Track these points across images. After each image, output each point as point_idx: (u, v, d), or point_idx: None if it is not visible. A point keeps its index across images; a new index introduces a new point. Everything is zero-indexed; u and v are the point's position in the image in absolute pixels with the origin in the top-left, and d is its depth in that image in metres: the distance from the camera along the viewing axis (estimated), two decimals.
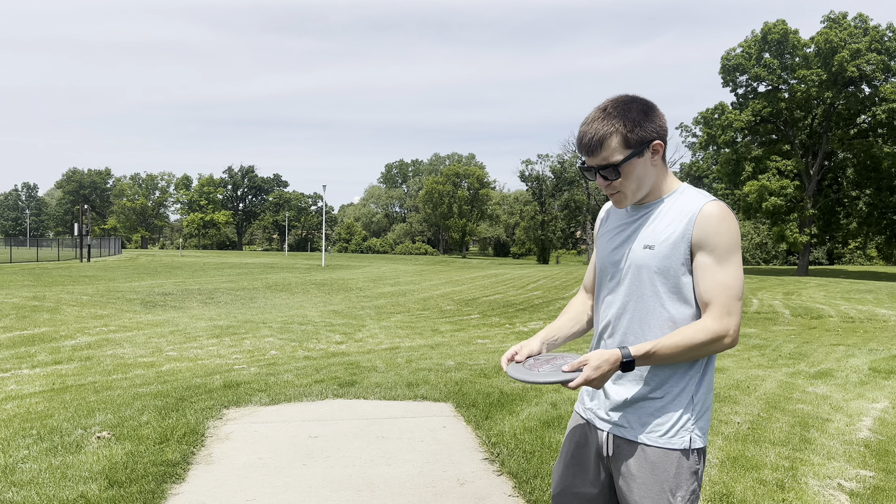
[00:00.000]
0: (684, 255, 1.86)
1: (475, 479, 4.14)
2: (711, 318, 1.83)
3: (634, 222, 1.98)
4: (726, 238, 1.84)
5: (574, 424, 2.12)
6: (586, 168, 1.94)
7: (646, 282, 1.91)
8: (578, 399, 2.14)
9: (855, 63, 39.24)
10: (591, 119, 1.91)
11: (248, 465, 4.29)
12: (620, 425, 1.95)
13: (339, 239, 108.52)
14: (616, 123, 1.87)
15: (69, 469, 4.12)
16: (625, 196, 1.94)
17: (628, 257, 1.95)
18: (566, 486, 2.06)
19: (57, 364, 8.69)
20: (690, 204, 1.89)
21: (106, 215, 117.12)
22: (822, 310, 17.58)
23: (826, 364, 9.10)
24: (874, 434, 5.44)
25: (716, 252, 1.83)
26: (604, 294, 2.04)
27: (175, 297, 18.30)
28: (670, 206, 1.93)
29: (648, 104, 1.93)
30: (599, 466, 2.02)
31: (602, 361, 1.80)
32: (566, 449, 2.10)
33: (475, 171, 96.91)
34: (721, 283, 1.83)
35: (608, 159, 1.87)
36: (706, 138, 46.07)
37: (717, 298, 1.83)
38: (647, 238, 1.92)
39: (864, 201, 44.28)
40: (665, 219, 1.91)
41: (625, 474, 1.93)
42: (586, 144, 1.89)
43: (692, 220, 1.85)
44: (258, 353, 9.56)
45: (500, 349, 10.13)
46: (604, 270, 2.04)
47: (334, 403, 5.97)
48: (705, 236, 1.83)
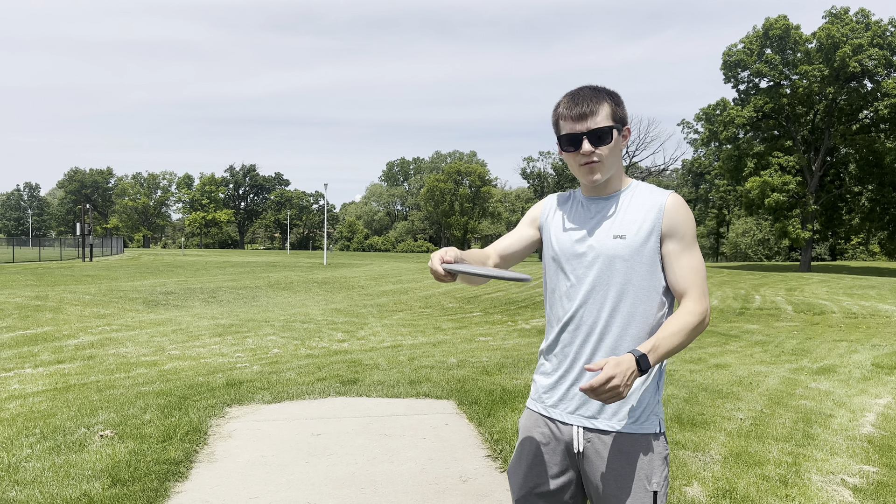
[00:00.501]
0: (655, 244, 1.95)
1: (478, 476, 4.14)
2: (693, 301, 1.91)
3: (596, 214, 2.03)
4: (691, 226, 1.97)
5: (532, 424, 2.07)
6: (572, 136, 1.95)
7: (618, 270, 1.95)
8: (534, 399, 2.10)
9: (857, 58, 39.13)
10: (581, 90, 1.99)
11: (250, 463, 4.30)
12: (591, 417, 1.95)
13: (341, 237, 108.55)
14: (606, 97, 1.97)
15: (72, 468, 4.13)
16: (601, 167, 1.96)
17: (596, 248, 1.97)
18: (531, 488, 2.02)
19: (60, 363, 8.70)
20: (655, 196, 1.99)
21: (108, 215, 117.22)
22: (824, 306, 17.56)
23: (829, 360, 9.09)
24: (877, 430, 5.44)
25: (684, 240, 1.95)
26: (564, 285, 2.02)
27: (177, 295, 18.32)
28: (631, 199, 2.01)
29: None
30: (566, 464, 2.00)
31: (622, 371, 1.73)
32: (527, 450, 2.05)
33: (477, 168, 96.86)
34: (694, 267, 1.94)
35: (600, 124, 1.93)
36: (708, 134, 45.96)
37: (695, 282, 1.93)
38: (616, 229, 1.97)
39: (866, 197, 44.21)
40: (631, 210, 1.98)
41: (598, 470, 1.93)
42: (582, 108, 1.94)
43: (661, 210, 1.95)
44: (261, 352, 9.57)
45: (503, 346, 10.14)
46: (564, 261, 2.03)
47: (337, 401, 5.97)
48: (674, 225, 1.95)
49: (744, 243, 72.56)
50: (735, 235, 73.83)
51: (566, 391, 2.00)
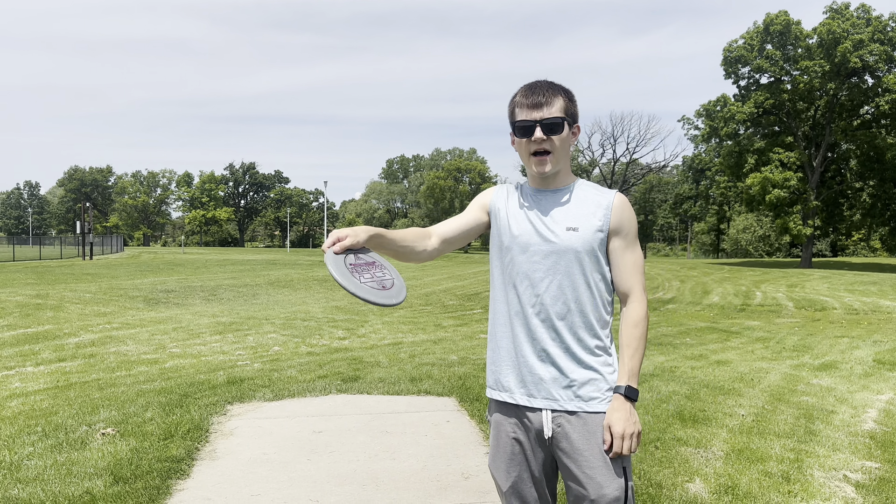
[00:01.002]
0: (603, 238, 2.06)
1: (479, 472, 4.14)
2: (636, 302, 2.08)
3: (547, 206, 2.10)
4: (634, 225, 2.11)
5: (500, 415, 2.13)
6: (527, 123, 2.04)
7: (572, 260, 2.04)
8: (496, 388, 2.14)
9: (858, 54, 39.06)
10: (538, 82, 2.09)
11: (252, 461, 4.29)
12: (556, 399, 2.03)
13: None
14: (561, 92, 2.08)
15: (74, 465, 4.12)
16: (553, 159, 2.06)
17: (550, 238, 2.05)
18: (516, 477, 2.09)
19: (61, 361, 8.70)
20: (603, 195, 2.10)
21: (108, 213, 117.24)
22: (825, 302, 17.55)
23: (830, 356, 9.09)
24: (879, 425, 5.43)
25: (628, 237, 2.08)
26: (514, 273, 2.09)
27: (178, 294, 18.32)
28: (581, 195, 2.11)
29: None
30: (541, 449, 2.07)
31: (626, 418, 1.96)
32: (503, 441, 2.11)
33: (476, 165, 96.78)
34: (636, 264, 2.09)
35: (555, 114, 2.03)
36: (708, 131, 45.89)
37: (637, 280, 2.08)
38: (569, 221, 2.06)
39: (867, 193, 44.15)
40: (583, 205, 2.08)
41: (569, 451, 2.02)
42: (539, 97, 2.03)
43: (609, 208, 2.07)
44: (261, 350, 9.57)
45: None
46: (517, 250, 2.09)
47: (338, 398, 5.97)
48: (620, 223, 2.07)
49: (744, 240, 72.51)
50: (736, 232, 73.78)
51: (525, 373, 2.06)
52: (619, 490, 1.97)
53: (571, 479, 2.01)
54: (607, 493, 1.96)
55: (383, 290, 1.84)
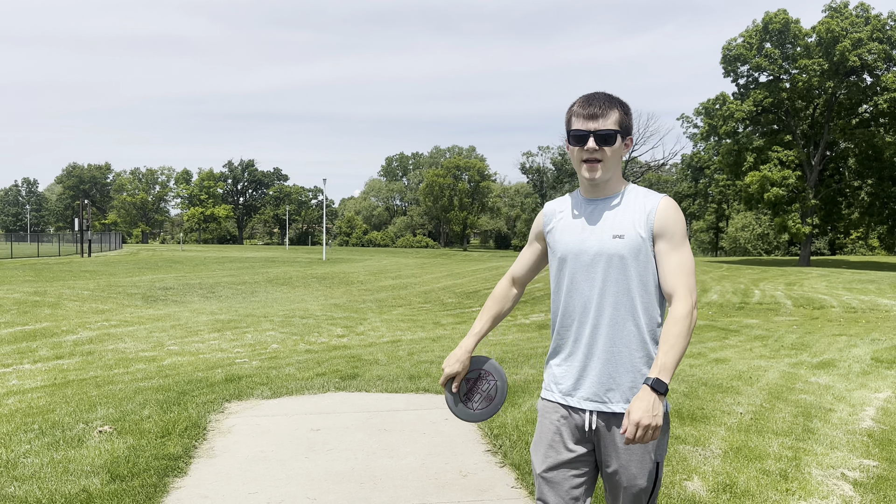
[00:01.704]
0: (649, 243, 2.14)
1: (478, 471, 4.13)
2: (680, 301, 2.09)
3: (596, 214, 2.21)
4: (681, 227, 2.15)
5: (549, 409, 2.27)
6: (582, 133, 2.14)
7: (617, 267, 2.14)
8: (548, 389, 2.30)
9: (856, 52, 39.07)
10: (596, 94, 2.19)
11: (250, 459, 4.29)
12: (603, 402, 2.16)
13: (340, 232, 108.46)
14: (617, 104, 2.18)
15: (71, 463, 4.11)
16: (604, 167, 2.16)
17: (598, 246, 2.17)
18: (552, 461, 2.21)
19: (58, 359, 8.69)
20: (648, 199, 2.18)
21: (106, 210, 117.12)
22: (824, 300, 17.56)
23: (828, 354, 9.09)
24: (877, 424, 5.43)
25: (673, 239, 2.14)
26: (568, 282, 2.22)
27: (176, 291, 18.31)
28: (628, 201, 2.20)
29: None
30: (580, 439, 2.21)
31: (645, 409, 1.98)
32: (546, 430, 2.25)
33: (476, 163, 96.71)
34: (681, 265, 2.12)
35: (609, 126, 2.13)
36: (707, 129, 45.90)
37: (681, 280, 2.10)
38: (615, 228, 2.16)
39: (865, 191, 44.19)
40: (628, 211, 2.17)
41: (608, 443, 2.17)
42: (594, 109, 2.14)
43: (653, 212, 2.14)
44: (260, 347, 9.56)
45: (503, 341, 10.13)
46: (570, 259, 2.21)
47: (336, 396, 5.96)
48: (664, 226, 2.13)
49: (743, 238, 72.54)
50: (734, 230, 73.81)
51: (577, 379, 2.20)
52: (649, 481, 2.15)
53: (606, 468, 2.19)
54: (639, 483, 2.14)
55: (489, 406, 2.34)
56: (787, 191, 41.24)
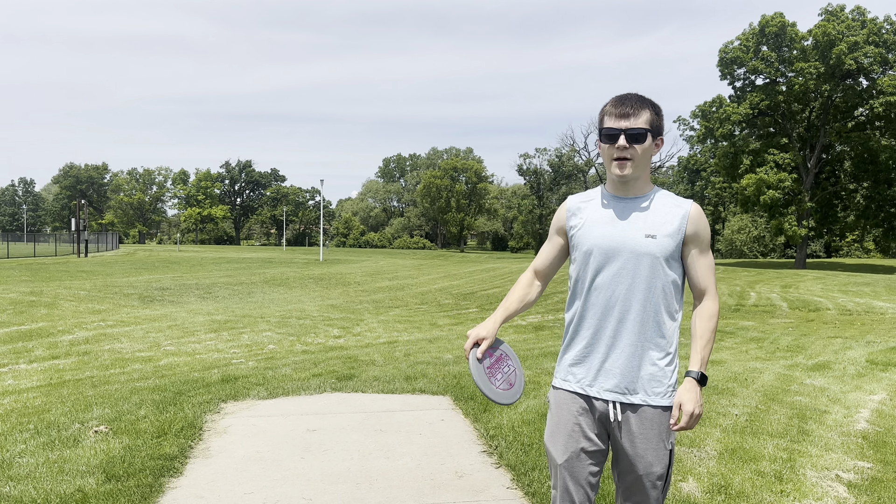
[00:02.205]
0: (678, 245, 2.24)
1: (473, 471, 4.14)
2: (711, 299, 2.29)
3: (627, 212, 2.27)
4: (709, 233, 2.30)
5: (566, 399, 2.32)
6: (613, 131, 2.21)
7: (647, 266, 2.21)
8: (564, 379, 2.35)
9: (853, 56, 39.19)
10: (629, 94, 2.27)
11: (246, 459, 4.29)
12: (626, 393, 2.24)
13: (337, 233, 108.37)
14: (649, 105, 2.26)
15: (66, 463, 4.11)
16: (634, 165, 2.22)
17: (630, 244, 2.23)
18: (573, 450, 2.27)
19: (54, 359, 8.67)
20: (680, 204, 2.27)
21: (103, 210, 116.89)
22: (819, 302, 17.60)
23: (824, 356, 9.11)
24: (872, 425, 5.45)
25: (703, 244, 2.27)
26: (593, 275, 2.27)
27: (173, 291, 18.28)
28: (659, 203, 2.27)
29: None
30: (600, 429, 2.28)
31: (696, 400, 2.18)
32: (565, 420, 2.30)
33: (473, 165, 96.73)
34: (710, 267, 2.29)
35: (640, 125, 2.20)
36: (704, 131, 45.99)
37: (711, 281, 2.29)
38: (647, 228, 2.23)
39: (861, 194, 44.31)
40: (660, 213, 2.25)
41: (628, 432, 2.25)
42: (627, 108, 2.21)
43: (685, 217, 2.24)
44: (256, 348, 9.55)
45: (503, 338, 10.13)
46: (599, 253, 2.26)
47: (332, 397, 5.96)
48: (697, 231, 2.25)
49: (739, 240, 72.66)
50: (731, 232, 73.94)
51: (598, 371, 2.27)
52: (664, 468, 2.25)
53: (622, 455, 2.26)
54: (655, 470, 2.24)
55: (510, 390, 2.33)
56: (783, 193, 41.34)
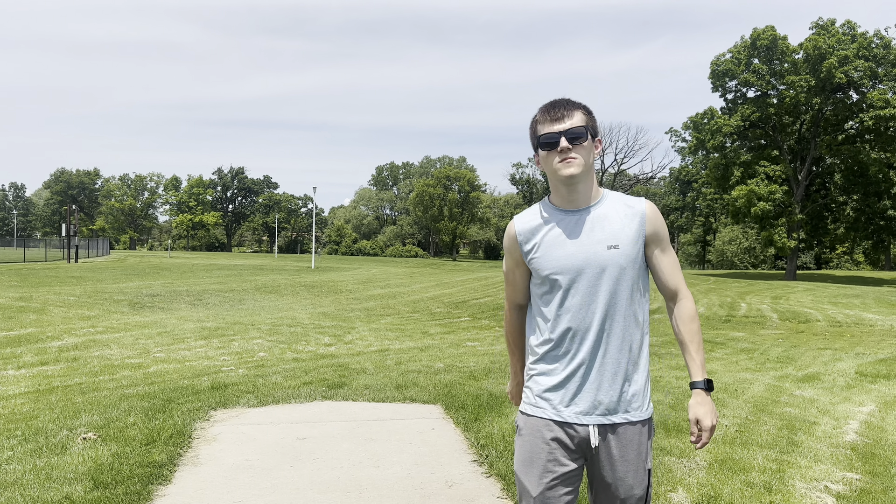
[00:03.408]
0: (642, 249, 2.15)
1: (464, 481, 4.13)
2: (686, 298, 2.19)
3: (581, 225, 2.13)
4: (666, 229, 2.21)
5: (537, 426, 2.16)
6: (552, 135, 2.10)
7: (615, 279, 2.10)
8: (535, 405, 2.18)
9: (843, 69, 39.53)
10: (557, 100, 2.16)
11: (235, 467, 4.27)
12: (607, 413, 2.13)
13: (330, 241, 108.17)
14: (580, 106, 2.16)
15: (54, 470, 4.08)
16: (579, 164, 2.09)
17: (593, 260, 2.10)
18: (548, 482, 2.11)
19: (43, 365, 8.61)
20: (633, 204, 2.17)
21: (94, 216, 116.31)
22: (809, 314, 17.68)
23: (813, 368, 9.15)
24: (860, 437, 5.47)
25: (664, 241, 2.18)
26: (561, 299, 2.13)
27: (163, 298, 18.20)
28: (612, 209, 2.16)
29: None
30: (576, 455, 2.14)
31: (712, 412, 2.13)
32: (538, 449, 2.14)
33: (466, 174, 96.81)
34: (675, 264, 2.20)
35: (577, 124, 2.10)
36: (695, 143, 46.23)
37: (680, 279, 2.19)
38: (608, 239, 2.11)
39: (851, 207, 44.61)
40: (616, 220, 2.14)
41: (608, 456, 2.14)
42: (560, 112, 2.11)
43: (643, 217, 2.14)
44: (246, 355, 9.51)
45: (490, 351, 10.13)
46: (564, 277, 2.12)
47: (323, 405, 5.94)
48: (656, 230, 2.16)
49: (730, 251, 72.99)
50: (721, 243, 74.27)
51: (575, 394, 2.13)
52: (643, 489, 2.16)
53: (601, 481, 2.16)
54: (635, 493, 2.15)
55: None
56: (773, 205, 41.57)
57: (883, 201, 41.72)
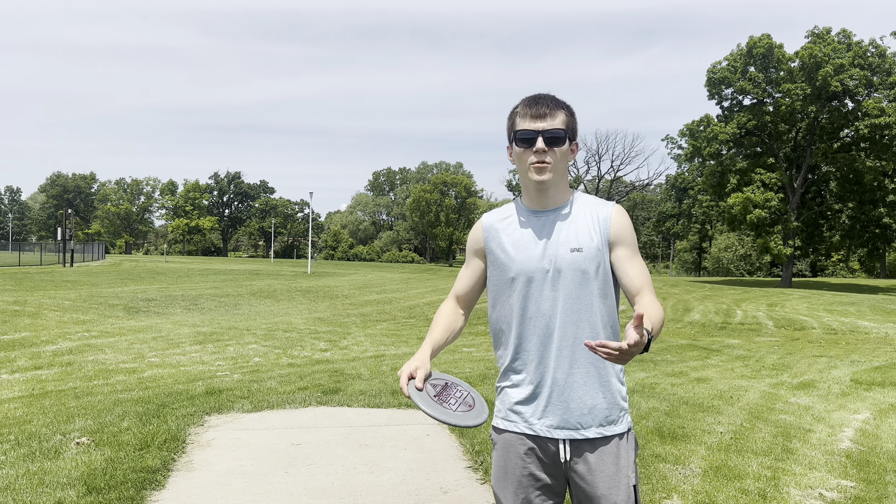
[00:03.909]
0: (606, 253, 2.04)
1: (458, 487, 4.12)
2: (653, 296, 2.02)
3: (547, 227, 2.06)
4: (633, 234, 2.09)
5: (511, 441, 2.08)
6: (529, 133, 2.00)
7: (579, 282, 2.01)
8: (507, 419, 2.09)
9: (838, 78, 39.72)
10: (541, 95, 2.07)
11: (229, 473, 4.25)
12: (576, 428, 2.01)
13: (326, 246, 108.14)
14: (563, 107, 2.06)
15: (47, 475, 4.06)
16: (552, 169, 2.01)
17: (556, 262, 2.02)
18: (524, 498, 2.04)
19: (37, 369, 8.58)
20: (600, 208, 2.08)
21: (90, 220, 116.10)
22: (805, 321, 17.71)
23: (808, 375, 9.17)
24: (855, 445, 5.48)
25: (630, 246, 2.06)
26: (523, 302, 2.04)
27: (158, 303, 18.15)
28: (579, 211, 2.07)
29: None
30: (552, 471, 2.04)
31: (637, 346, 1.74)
32: (513, 465, 2.06)
33: (463, 179, 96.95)
34: (643, 269, 2.06)
35: (557, 126, 2.01)
36: (692, 150, 46.37)
37: (647, 281, 2.04)
38: (571, 241, 2.02)
39: (846, 214, 44.75)
40: (582, 222, 2.05)
41: (583, 473, 2.01)
42: (543, 108, 2.01)
43: (607, 221, 2.04)
44: (241, 360, 9.49)
45: (486, 358, 10.13)
46: (524, 278, 2.03)
47: (318, 411, 5.93)
48: (620, 233, 2.04)
49: (726, 258, 73.13)
50: (717, 250, 74.41)
51: (545, 406, 2.03)
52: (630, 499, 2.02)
53: (582, 498, 2.03)
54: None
55: (471, 411, 2.00)
56: (769, 212, 41.69)
57: (878, 209, 41.86)
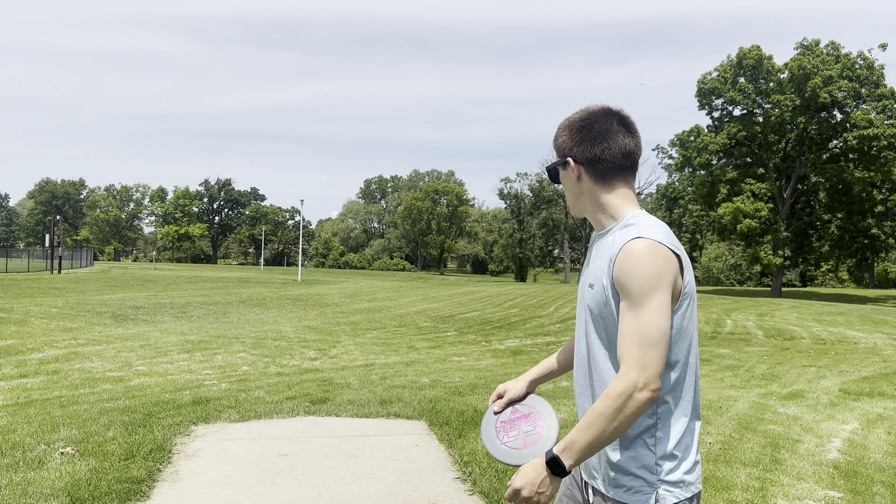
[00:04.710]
0: (613, 296, 1.69)
1: (446, 498, 4.10)
2: (620, 378, 1.60)
3: (591, 253, 1.85)
4: (637, 280, 1.61)
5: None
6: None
7: (589, 321, 1.77)
8: None
9: (827, 89, 40.06)
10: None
11: (215, 483, 4.21)
12: (593, 476, 1.81)
13: (317, 254, 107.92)
14: (558, 131, 1.87)
15: (30, 486, 4.01)
16: (569, 202, 1.88)
17: (583, 294, 1.82)
18: None
19: (22, 378, 8.49)
20: (618, 241, 1.70)
21: (78, 227, 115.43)
22: (794, 331, 17.78)
23: (797, 385, 9.19)
24: (843, 455, 5.49)
25: (630, 295, 1.62)
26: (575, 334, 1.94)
27: (146, 310, 18.04)
28: (611, 240, 1.75)
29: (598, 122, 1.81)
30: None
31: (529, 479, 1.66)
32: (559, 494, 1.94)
33: (454, 188, 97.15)
34: (632, 330, 1.61)
35: (549, 163, 1.91)
36: (682, 160, 46.63)
37: (628, 351, 1.61)
38: (591, 275, 1.77)
39: (835, 225, 45.05)
40: (604, 255, 1.74)
41: None
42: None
43: (612, 258, 1.68)
44: (229, 369, 9.43)
45: (476, 367, 10.11)
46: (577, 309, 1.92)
47: (305, 421, 5.89)
48: (621, 277, 1.64)
49: (716, 268, 73.44)
50: (707, 260, 74.72)
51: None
52: None
53: None
54: None
55: (518, 451, 1.86)
56: (759, 223, 41.92)
57: (867, 220, 42.17)
